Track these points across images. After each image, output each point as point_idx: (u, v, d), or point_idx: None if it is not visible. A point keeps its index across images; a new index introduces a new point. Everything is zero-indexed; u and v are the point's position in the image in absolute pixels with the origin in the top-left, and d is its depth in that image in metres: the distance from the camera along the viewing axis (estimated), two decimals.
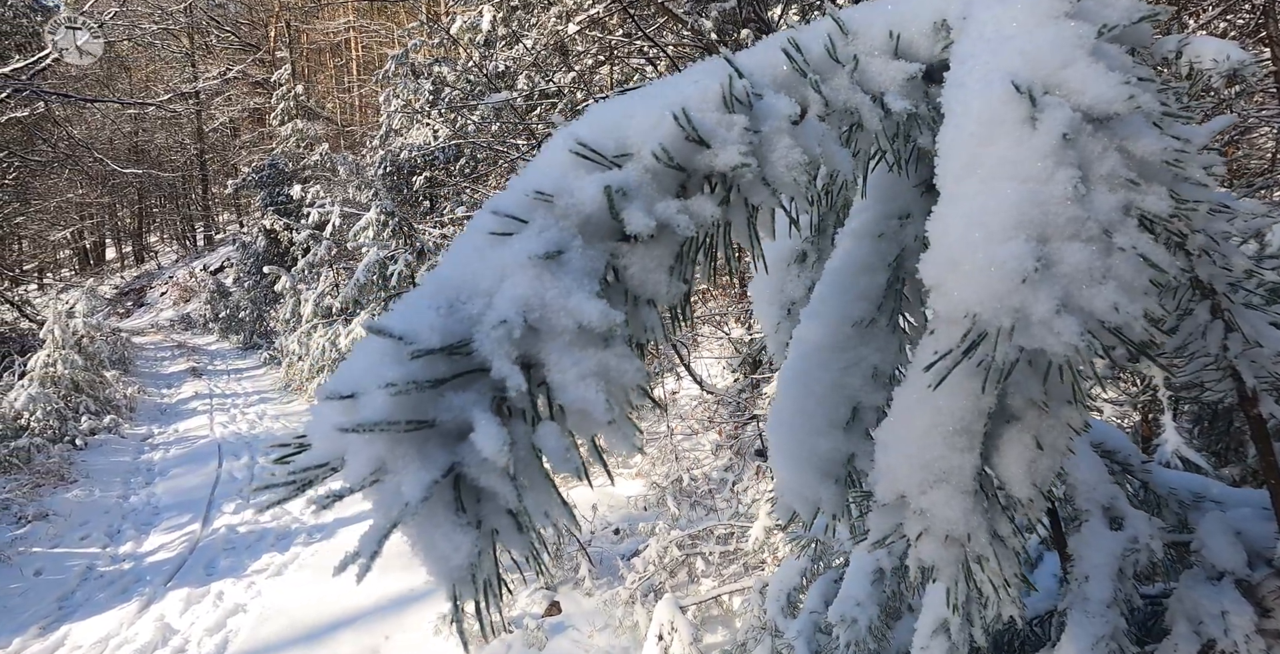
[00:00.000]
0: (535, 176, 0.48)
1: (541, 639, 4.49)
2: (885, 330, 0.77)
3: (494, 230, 0.45)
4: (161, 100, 22.19)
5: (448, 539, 0.38)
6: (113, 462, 9.42)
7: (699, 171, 0.52)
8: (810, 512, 0.77)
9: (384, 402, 0.38)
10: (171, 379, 14.61)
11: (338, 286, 11.19)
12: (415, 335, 0.41)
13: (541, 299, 0.42)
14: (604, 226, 0.48)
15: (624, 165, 0.49)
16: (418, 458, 0.39)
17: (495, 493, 0.40)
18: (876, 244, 0.78)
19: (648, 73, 8.80)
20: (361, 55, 31.07)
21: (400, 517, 0.37)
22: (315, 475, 0.39)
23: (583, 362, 0.42)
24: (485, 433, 0.38)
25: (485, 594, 0.40)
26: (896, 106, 0.61)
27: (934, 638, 1.40)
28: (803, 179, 0.53)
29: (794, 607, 2.55)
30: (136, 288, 27.23)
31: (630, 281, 0.47)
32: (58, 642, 5.41)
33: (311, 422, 0.43)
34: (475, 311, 0.43)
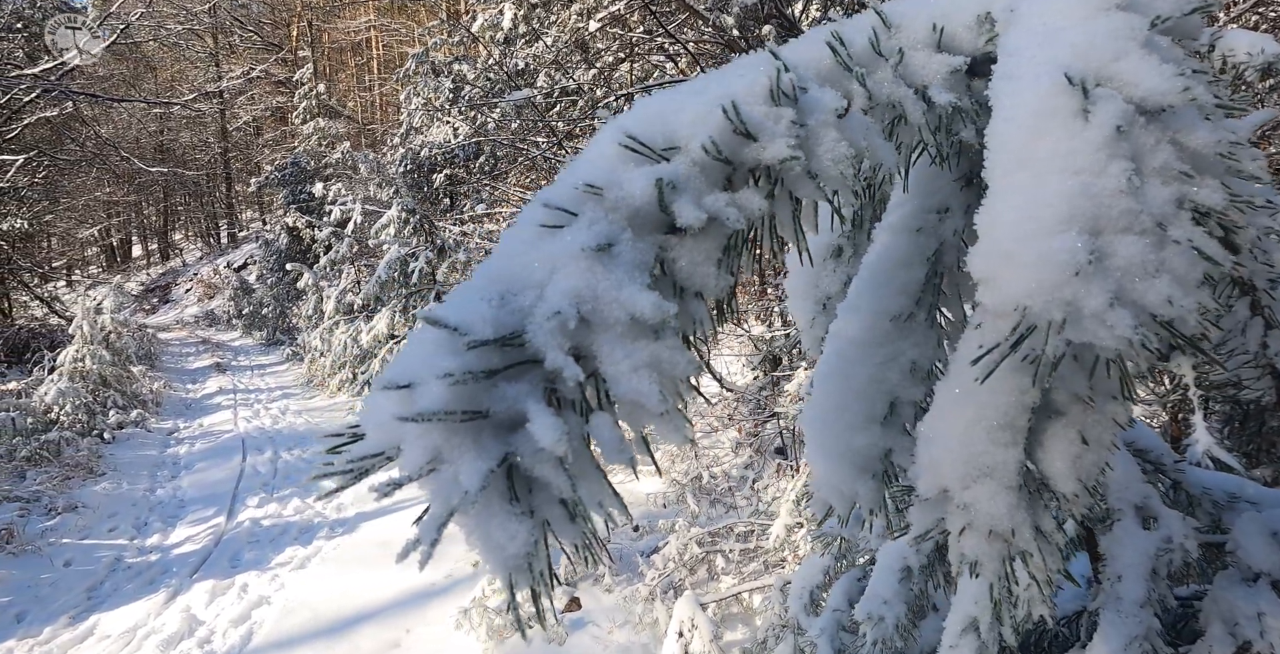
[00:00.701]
0: (584, 169, 0.48)
1: (562, 635, 4.52)
2: (923, 325, 0.77)
3: (544, 223, 0.46)
4: (186, 100, 22.50)
5: (503, 528, 0.39)
6: (140, 455, 9.58)
7: (745, 165, 0.52)
8: (846, 506, 0.77)
9: (441, 392, 0.39)
10: (196, 374, 14.82)
11: (359, 283, 11.29)
12: (469, 327, 0.41)
13: (594, 291, 0.43)
14: (652, 219, 0.48)
15: (672, 158, 0.49)
16: (473, 448, 0.40)
17: (549, 483, 0.41)
18: (915, 238, 0.77)
19: (667, 70, 8.79)
20: (382, 54, 31.29)
21: (459, 505, 0.37)
22: (371, 464, 0.40)
23: (635, 353, 0.42)
24: (542, 423, 0.39)
25: (539, 583, 0.40)
26: (941, 99, 0.61)
27: (963, 637, 1.39)
28: (849, 172, 0.53)
29: (816, 604, 2.54)
30: (162, 285, 27.65)
31: (679, 275, 0.47)
32: (87, 631, 5.51)
33: (365, 412, 0.43)
34: (527, 304, 0.43)
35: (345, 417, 10.73)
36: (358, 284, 11.42)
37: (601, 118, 7.84)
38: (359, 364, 10.65)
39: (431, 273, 8.90)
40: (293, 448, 9.58)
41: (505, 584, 0.39)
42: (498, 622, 4.66)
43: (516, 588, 0.39)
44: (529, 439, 0.41)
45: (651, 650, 4.40)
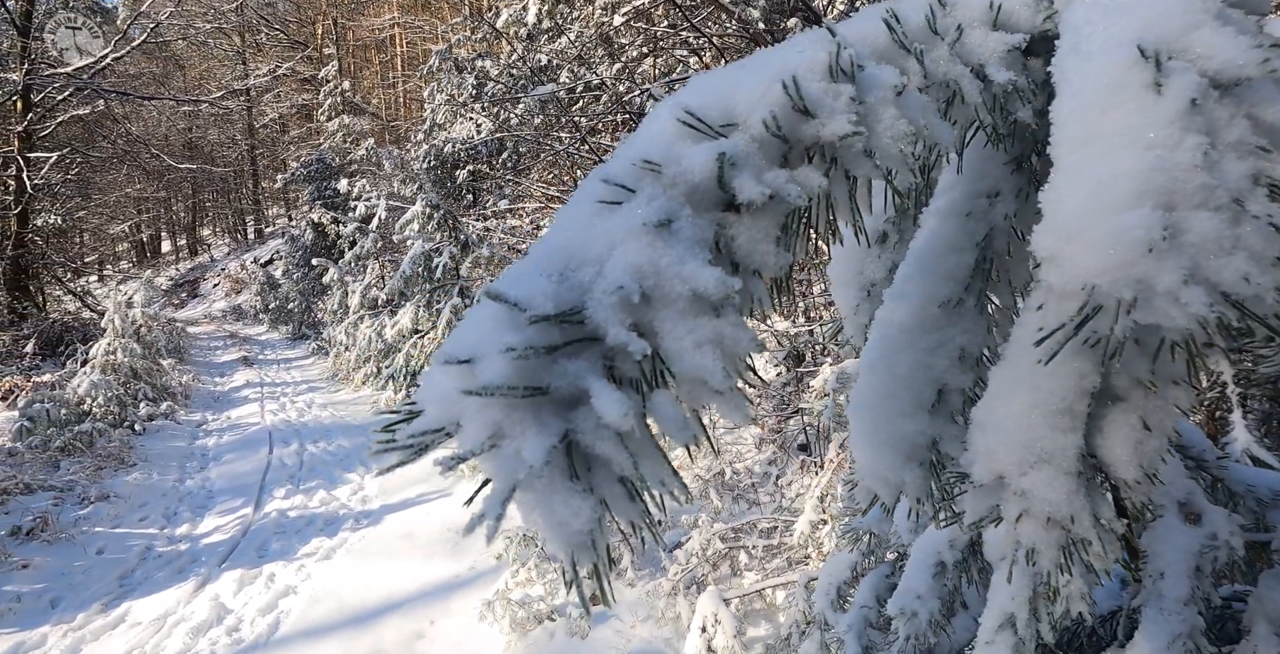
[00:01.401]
0: (641, 146, 0.48)
1: (585, 628, 4.53)
2: (973, 311, 0.75)
3: (602, 199, 0.45)
4: (214, 97, 22.81)
5: (566, 505, 0.38)
6: (169, 446, 9.75)
7: (802, 142, 0.51)
8: (892, 495, 0.76)
9: (503, 366, 0.39)
10: (224, 368, 15.04)
11: (383, 278, 11.39)
12: (529, 302, 0.41)
13: (655, 267, 0.42)
14: (710, 196, 0.47)
15: (729, 135, 0.48)
16: (534, 424, 0.39)
17: (610, 460, 0.40)
18: (964, 223, 0.76)
19: (691, 64, 8.76)
20: (406, 51, 31.49)
21: (523, 480, 0.37)
22: (431, 440, 0.40)
23: (698, 330, 0.42)
24: (606, 399, 0.38)
25: (602, 561, 0.40)
26: (1000, 77, 0.60)
27: (999, 633, 1.37)
28: (909, 150, 0.52)
29: (843, 600, 2.53)
30: (190, 279, 28.09)
31: (738, 252, 0.47)
32: (119, 618, 5.61)
33: (423, 389, 0.43)
34: (586, 279, 0.43)
35: (369, 410, 10.84)
36: (382, 279, 11.53)
37: (625, 112, 7.84)
38: (383, 358, 10.75)
39: (455, 268, 8.95)
40: (318, 441, 9.70)
41: (568, 562, 0.39)
42: (520, 614, 4.69)
43: (579, 565, 0.39)
44: (589, 416, 0.41)
45: (674, 645, 4.40)
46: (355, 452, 9.16)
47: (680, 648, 4.33)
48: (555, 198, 9.45)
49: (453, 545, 6.19)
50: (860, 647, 2.35)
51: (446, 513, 6.84)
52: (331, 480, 8.20)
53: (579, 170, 10.45)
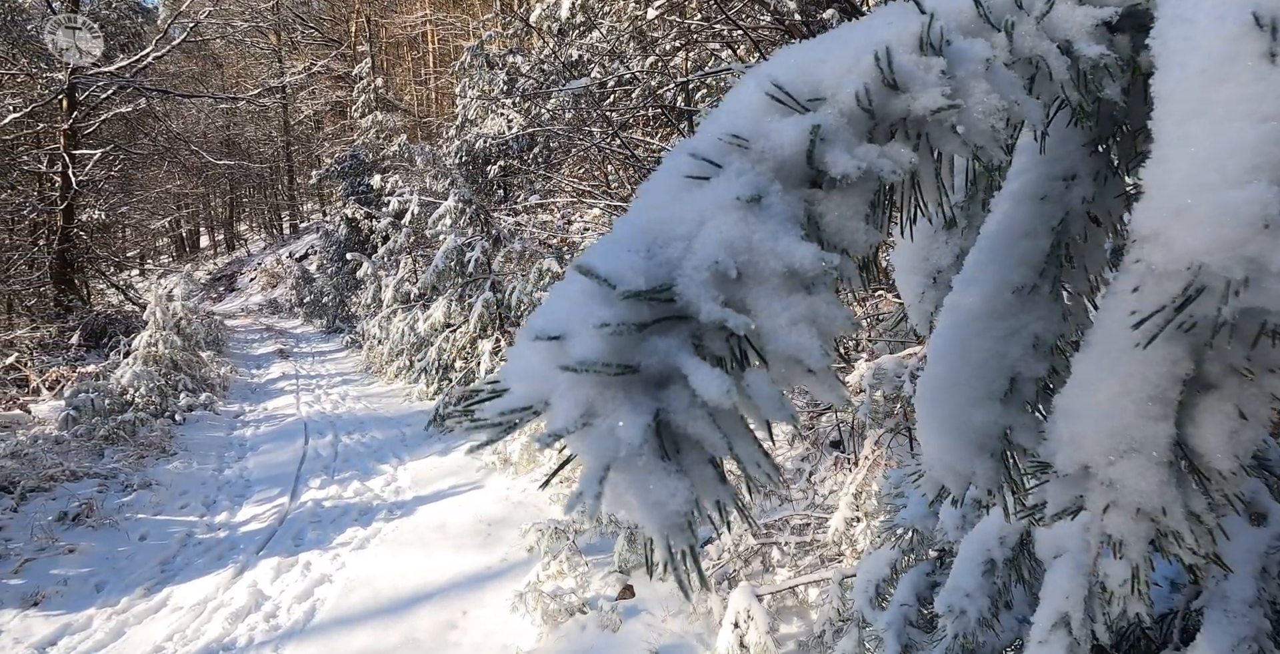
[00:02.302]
0: (726, 120, 0.46)
1: (616, 621, 4.54)
2: (1047, 298, 0.73)
3: (690, 174, 0.44)
4: (251, 95, 23.21)
5: (662, 484, 0.37)
6: (208, 436, 9.96)
7: (889, 117, 0.49)
8: (961, 486, 0.74)
9: (596, 342, 0.38)
10: (260, 360, 15.32)
11: (416, 273, 11.51)
12: (619, 277, 0.40)
13: (748, 242, 0.41)
14: (798, 172, 0.46)
15: (817, 109, 0.47)
16: (626, 402, 0.38)
17: (701, 440, 0.39)
18: (1039, 207, 0.74)
19: (723, 58, 8.70)
20: (438, 48, 31.75)
21: (618, 460, 0.36)
22: (518, 418, 0.39)
23: (792, 307, 0.40)
24: (705, 377, 0.37)
25: (695, 542, 0.39)
26: (1090, 52, 0.57)
27: (1053, 632, 1.34)
28: (1000, 125, 0.50)
29: (882, 598, 2.49)
30: (228, 274, 28.66)
31: (827, 229, 0.45)
32: (161, 602, 5.75)
33: (507, 367, 0.42)
34: (675, 255, 0.42)
35: (402, 402, 10.97)
36: (415, 273, 11.65)
37: (658, 107, 7.81)
38: (415, 352, 10.87)
39: (487, 263, 9.01)
40: (352, 432, 9.84)
41: (662, 544, 0.38)
42: (552, 606, 4.71)
43: (674, 547, 0.38)
44: (680, 395, 0.40)
45: (705, 640, 4.40)
46: (388, 443, 9.28)
47: (711, 643, 4.32)
48: (586, 193, 9.47)
49: (484, 537, 6.24)
50: (900, 645, 2.32)
51: (478, 505, 6.90)
52: (365, 471, 8.32)
53: (610, 165, 10.45)
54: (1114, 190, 0.74)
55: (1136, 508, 0.56)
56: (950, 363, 0.73)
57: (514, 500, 6.85)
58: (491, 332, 9.20)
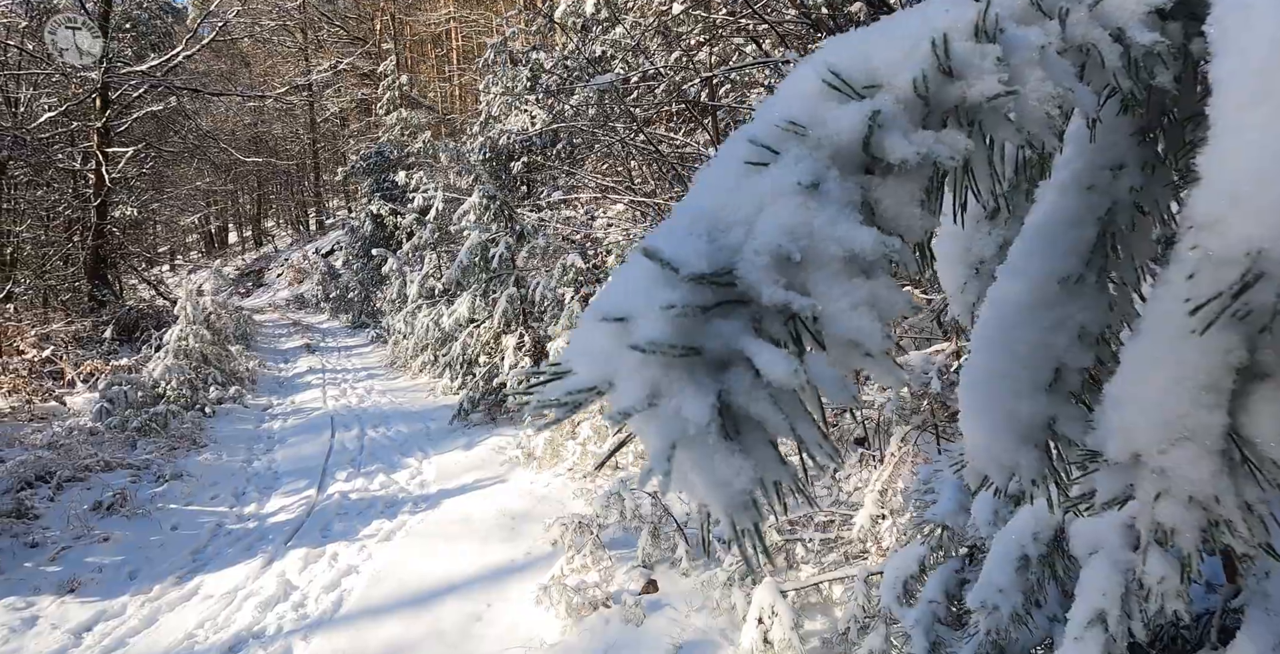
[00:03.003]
0: (783, 107, 0.47)
1: (640, 615, 4.56)
2: (1094, 288, 0.73)
3: (749, 160, 0.45)
4: (279, 93, 23.52)
5: (727, 464, 0.38)
6: (237, 429, 10.13)
7: (944, 104, 0.50)
8: (1005, 477, 0.74)
9: (663, 324, 0.39)
10: (288, 354, 15.54)
11: (441, 268, 11.60)
12: (682, 261, 0.41)
13: (809, 227, 0.42)
14: (854, 158, 0.46)
15: (873, 96, 0.47)
16: (691, 383, 0.39)
17: (763, 421, 0.40)
18: (1085, 197, 0.73)
19: (747, 52, 8.66)
20: (461, 45, 31.92)
21: (687, 439, 0.37)
22: (583, 399, 0.40)
23: (853, 291, 0.41)
24: (770, 358, 0.38)
25: (762, 520, 0.39)
26: (1144, 40, 0.57)
27: (1088, 629, 1.33)
28: (1055, 113, 0.50)
29: (910, 595, 2.49)
30: (255, 269, 29.08)
31: (883, 215, 0.46)
32: (192, 590, 5.87)
33: (569, 349, 0.43)
34: (735, 240, 0.42)
35: (427, 397, 11.08)
36: (439, 269, 11.74)
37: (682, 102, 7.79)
38: (440, 347, 10.97)
39: (511, 258, 9.06)
40: (378, 426, 9.96)
41: (727, 523, 0.38)
42: (576, 600, 4.74)
43: (739, 525, 0.38)
44: (741, 377, 0.41)
45: (729, 635, 4.40)
46: (413, 437, 9.38)
47: (735, 639, 4.33)
48: (609, 188, 9.48)
49: (508, 531, 6.29)
50: (928, 642, 2.31)
51: (502, 499, 6.95)
52: (391, 465, 8.42)
53: (633, 161, 10.45)
54: (1162, 179, 0.74)
55: (1189, 496, 0.56)
56: (995, 353, 0.73)
57: (537, 495, 6.90)
58: (515, 327, 9.26)
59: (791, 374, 0.37)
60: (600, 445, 6.92)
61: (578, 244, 9.33)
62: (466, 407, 9.23)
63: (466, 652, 4.69)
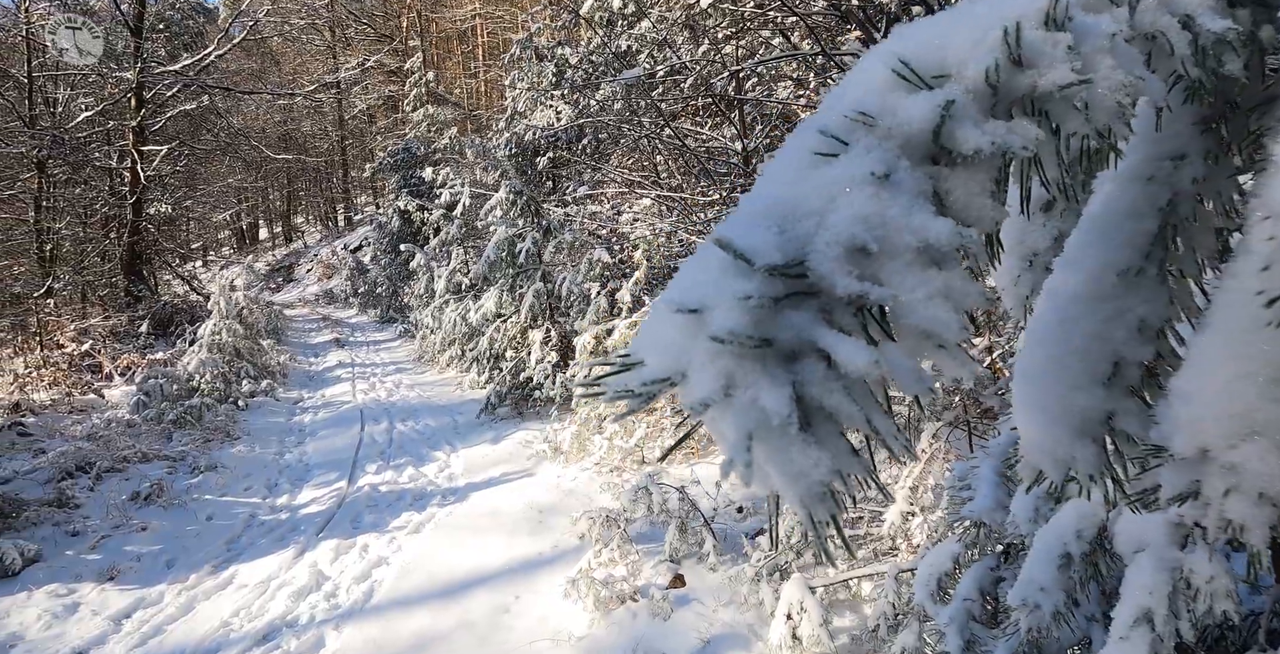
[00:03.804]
0: (853, 97, 0.47)
1: (667, 609, 4.57)
2: (1153, 280, 0.71)
3: (819, 151, 0.45)
4: (308, 91, 23.80)
5: (805, 455, 0.38)
6: (270, 422, 10.30)
7: (1013, 94, 0.49)
8: (1060, 472, 0.73)
9: (739, 315, 0.39)
10: (318, 349, 15.76)
11: (468, 264, 11.69)
12: (756, 252, 0.41)
13: (882, 217, 0.41)
14: (923, 149, 0.46)
15: (943, 86, 0.47)
16: (765, 375, 0.39)
17: (836, 413, 0.40)
18: (1145, 188, 0.72)
19: (774, 45, 8.59)
20: (487, 41, 32.05)
21: (764, 430, 0.37)
22: (657, 390, 0.40)
23: (928, 282, 0.41)
24: (848, 349, 0.38)
25: (840, 511, 0.39)
26: (1214, 27, 0.56)
27: (1134, 629, 1.31)
28: (1126, 102, 0.49)
29: (944, 592, 2.47)
30: (286, 265, 29.51)
31: (954, 206, 0.45)
32: (227, 579, 5.99)
33: (639, 340, 0.43)
34: (806, 231, 0.42)
35: (454, 391, 11.18)
36: (466, 264, 11.83)
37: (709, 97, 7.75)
38: (467, 341, 11.06)
39: (537, 253, 9.10)
40: (406, 420, 10.07)
41: (804, 514, 0.39)
42: (604, 593, 4.76)
43: (816, 516, 0.38)
44: (814, 368, 0.41)
45: (756, 631, 4.40)
46: (441, 431, 9.48)
47: (763, 634, 4.32)
48: (636, 183, 9.48)
49: (536, 524, 6.34)
50: (962, 640, 2.29)
51: (529, 492, 7.00)
52: (419, 458, 8.51)
53: (659, 155, 10.43)
54: (1225, 170, 0.72)
55: (1259, 493, 0.55)
56: (1050, 347, 0.72)
57: (564, 489, 6.94)
58: (542, 322, 9.30)
59: (872, 364, 0.37)
60: (627, 441, 6.94)
61: (604, 239, 9.35)
62: (494, 401, 9.30)
63: (496, 643, 4.74)
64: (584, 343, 7.74)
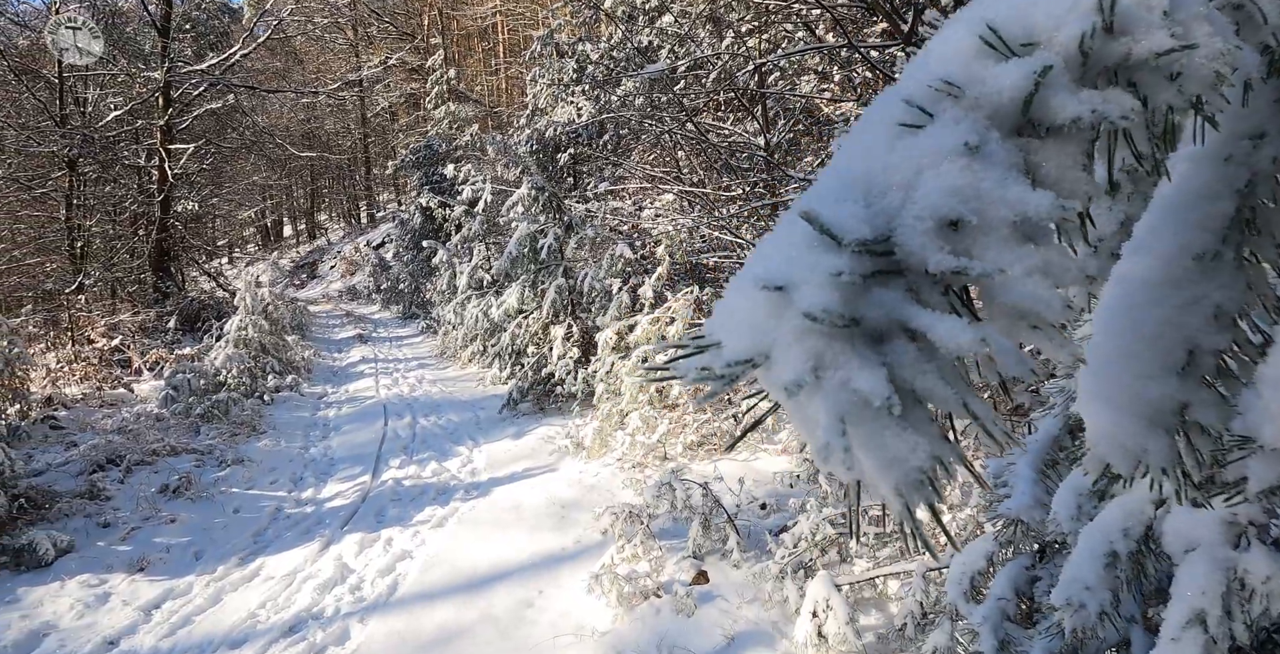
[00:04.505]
0: (936, 66, 0.44)
1: (691, 606, 4.56)
2: (1230, 265, 0.68)
3: (904, 122, 0.42)
4: (331, 89, 23.99)
5: (901, 440, 0.36)
6: (294, 417, 10.41)
7: (1103, 62, 0.46)
8: (1129, 465, 0.70)
9: (830, 292, 0.37)
10: (341, 344, 15.91)
11: (489, 260, 11.73)
12: (843, 227, 0.39)
13: (975, 190, 0.39)
14: (1011, 119, 0.44)
15: (1031, 54, 0.45)
16: (855, 355, 0.37)
17: (929, 396, 0.38)
18: (1221, 168, 0.69)
19: (798, 38, 8.52)
20: (508, 38, 32.11)
21: (868, 412, 0.35)
22: (740, 371, 0.38)
23: (1025, 258, 0.39)
24: (949, 328, 0.36)
25: (937, 499, 0.37)
26: None
27: (1187, 630, 1.27)
28: (1225, 71, 0.47)
29: (977, 591, 2.43)
30: (310, 261, 29.81)
31: (1046, 179, 0.43)
32: (254, 571, 6.07)
33: (713, 320, 0.42)
34: (893, 205, 0.40)
35: (476, 386, 11.23)
36: (488, 260, 11.87)
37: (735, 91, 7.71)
38: (489, 337, 11.10)
39: (559, 249, 9.11)
40: (429, 414, 10.14)
41: (898, 502, 0.37)
42: (627, 589, 4.76)
43: (912, 505, 0.36)
44: (903, 349, 0.39)
45: (781, 628, 4.37)
46: (464, 426, 9.52)
47: (788, 631, 4.30)
48: (657, 179, 9.45)
49: (558, 519, 6.35)
50: (997, 640, 2.25)
51: (551, 488, 7.01)
52: (442, 453, 8.56)
53: (681, 151, 10.39)
54: None
55: None
56: (1119, 335, 0.70)
57: (586, 484, 6.94)
58: (564, 317, 9.31)
59: (977, 343, 0.35)
60: (649, 437, 6.92)
61: (625, 235, 9.33)
62: (515, 396, 9.33)
63: (519, 638, 4.75)
64: (606, 339, 7.74)
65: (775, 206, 7.33)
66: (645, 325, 7.29)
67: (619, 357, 7.49)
